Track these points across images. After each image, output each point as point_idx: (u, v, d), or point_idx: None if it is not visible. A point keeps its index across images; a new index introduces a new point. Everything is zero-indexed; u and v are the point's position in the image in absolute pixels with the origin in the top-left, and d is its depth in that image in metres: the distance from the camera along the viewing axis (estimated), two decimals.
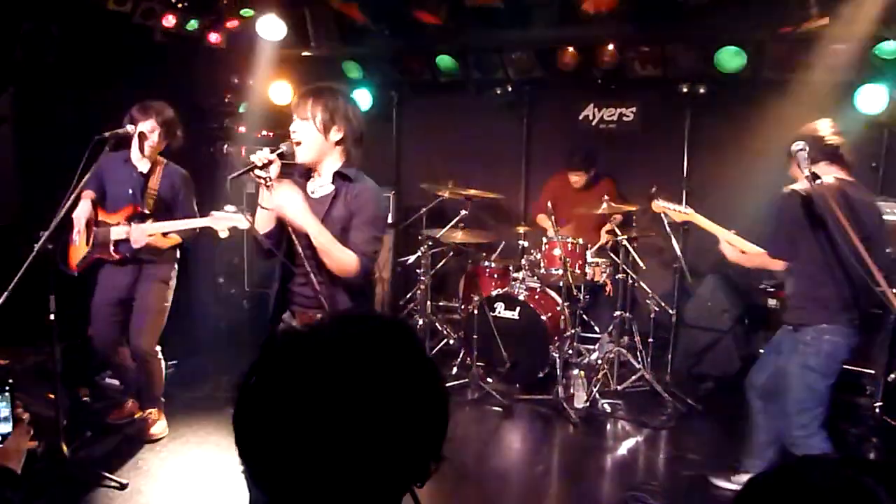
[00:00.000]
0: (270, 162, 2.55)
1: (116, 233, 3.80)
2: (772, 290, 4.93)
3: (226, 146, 6.03)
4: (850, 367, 4.74)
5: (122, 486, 3.50)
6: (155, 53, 5.34)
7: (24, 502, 1.49)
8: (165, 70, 5.42)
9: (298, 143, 2.61)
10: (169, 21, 5.09)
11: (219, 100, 6.27)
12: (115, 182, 3.89)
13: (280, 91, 6.06)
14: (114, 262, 3.91)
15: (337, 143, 2.66)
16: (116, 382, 4.80)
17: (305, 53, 5.82)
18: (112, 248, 3.83)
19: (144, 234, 3.74)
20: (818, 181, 2.82)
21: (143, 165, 3.89)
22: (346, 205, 2.63)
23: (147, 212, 3.83)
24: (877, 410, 4.46)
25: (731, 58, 5.09)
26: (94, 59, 5.20)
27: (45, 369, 4.17)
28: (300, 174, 2.77)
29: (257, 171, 2.54)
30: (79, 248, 3.87)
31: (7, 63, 4.41)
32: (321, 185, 2.71)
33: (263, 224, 2.68)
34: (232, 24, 5.53)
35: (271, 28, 5.19)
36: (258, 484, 0.88)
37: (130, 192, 3.85)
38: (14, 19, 4.41)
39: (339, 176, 2.67)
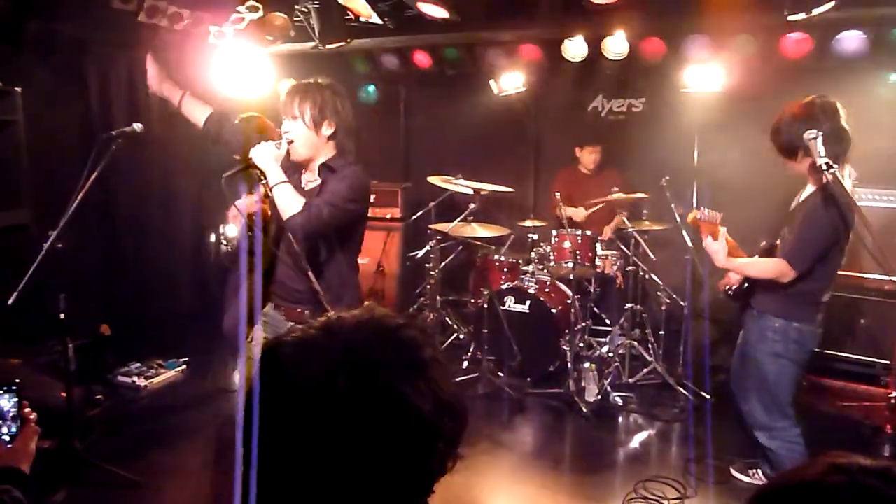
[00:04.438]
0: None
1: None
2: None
3: None
4: (864, 359, 4.72)
5: (135, 484, 3.51)
6: (161, 51, 5.34)
7: (36, 501, 1.49)
8: (173, 66, 5.42)
9: (291, 142, 2.69)
10: (174, 19, 5.07)
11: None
12: None
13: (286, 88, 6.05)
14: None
15: (329, 138, 2.74)
16: (129, 380, 4.84)
17: (311, 49, 5.81)
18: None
19: None
20: (831, 170, 2.71)
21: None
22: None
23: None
24: (891, 401, 4.41)
25: (740, 46, 5.03)
26: (101, 59, 5.21)
27: (58, 367, 4.20)
28: (295, 170, 2.83)
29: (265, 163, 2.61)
30: None
31: (13, 64, 4.42)
32: (311, 178, 2.81)
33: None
34: (238, 21, 5.51)
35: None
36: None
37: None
38: (20, 19, 4.42)
39: (325, 168, 2.76)
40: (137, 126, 3.70)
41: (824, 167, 2.65)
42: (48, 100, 4.74)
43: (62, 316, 3.48)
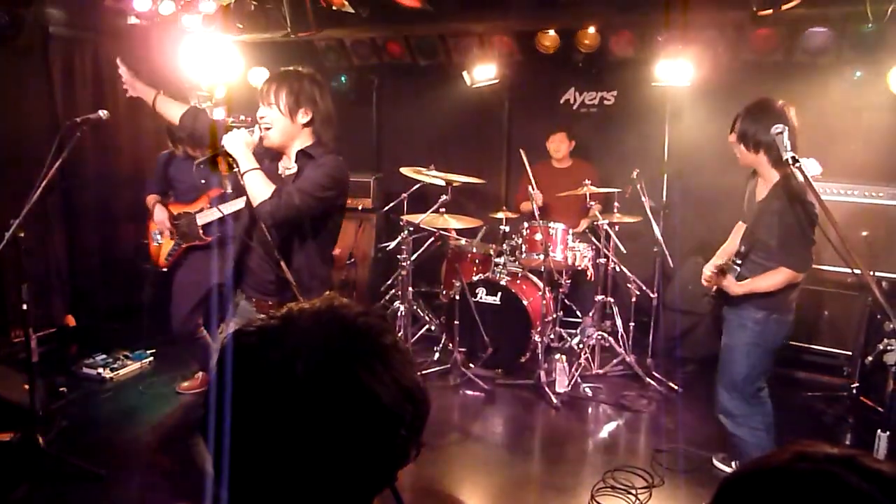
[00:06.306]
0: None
1: (203, 217, 4.28)
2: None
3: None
4: (826, 349, 4.83)
5: (99, 477, 3.46)
6: (129, 36, 5.24)
7: None
8: (140, 54, 5.31)
9: (268, 128, 2.66)
10: (142, 3, 4.96)
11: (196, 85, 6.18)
12: (182, 179, 4.36)
13: (259, 76, 5.98)
14: (203, 249, 4.32)
15: (305, 126, 2.72)
16: (94, 372, 4.75)
17: (282, 38, 5.74)
18: (201, 232, 4.29)
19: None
20: (797, 164, 2.75)
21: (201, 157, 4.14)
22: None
23: (229, 191, 4.26)
24: (853, 391, 4.51)
25: (709, 41, 5.08)
26: (65, 43, 5.09)
27: (20, 359, 4.11)
28: (271, 157, 2.81)
29: (233, 150, 2.59)
30: (164, 244, 4.42)
31: None
32: (288, 166, 2.77)
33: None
34: (207, 6, 5.42)
35: None
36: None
37: (203, 181, 4.29)
38: None
39: (302, 155, 2.72)
40: (103, 113, 3.63)
41: (790, 161, 2.68)
42: (10, 86, 4.62)
43: (25, 306, 3.40)
